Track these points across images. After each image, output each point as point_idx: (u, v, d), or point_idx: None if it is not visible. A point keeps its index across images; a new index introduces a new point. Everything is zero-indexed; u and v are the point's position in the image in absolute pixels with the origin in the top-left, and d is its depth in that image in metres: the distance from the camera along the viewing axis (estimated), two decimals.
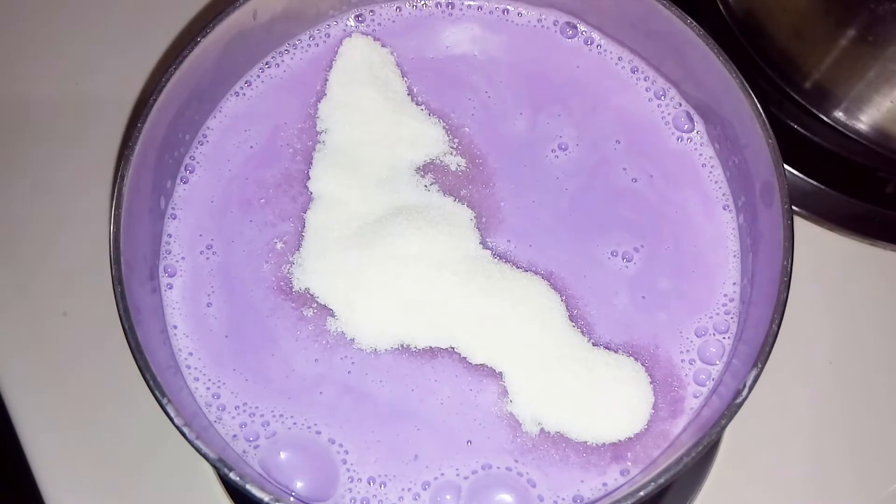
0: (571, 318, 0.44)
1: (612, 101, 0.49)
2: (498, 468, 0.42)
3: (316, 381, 0.43)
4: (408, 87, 0.49)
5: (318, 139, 0.48)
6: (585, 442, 0.42)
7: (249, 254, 0.46)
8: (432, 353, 0.44)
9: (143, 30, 0.64)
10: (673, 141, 0.48)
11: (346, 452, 0.42)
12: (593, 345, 0.44)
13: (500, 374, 0.43)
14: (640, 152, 0.48)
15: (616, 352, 0.44)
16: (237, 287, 0.45)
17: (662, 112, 0.49)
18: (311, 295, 0.45)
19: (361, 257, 0.44)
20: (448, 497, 0.41)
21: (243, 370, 0.44)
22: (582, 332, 0.44)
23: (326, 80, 0.49)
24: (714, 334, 0.44)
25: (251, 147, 0.48)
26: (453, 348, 0.44)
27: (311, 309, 0.45)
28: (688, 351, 0.44)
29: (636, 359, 0.44)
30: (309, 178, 0.47)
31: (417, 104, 0.49)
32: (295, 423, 0.43)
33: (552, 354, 0.43)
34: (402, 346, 0.44)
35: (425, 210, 0.46)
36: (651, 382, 0.43)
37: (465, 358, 0.43)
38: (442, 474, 0.42)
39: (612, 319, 0.45)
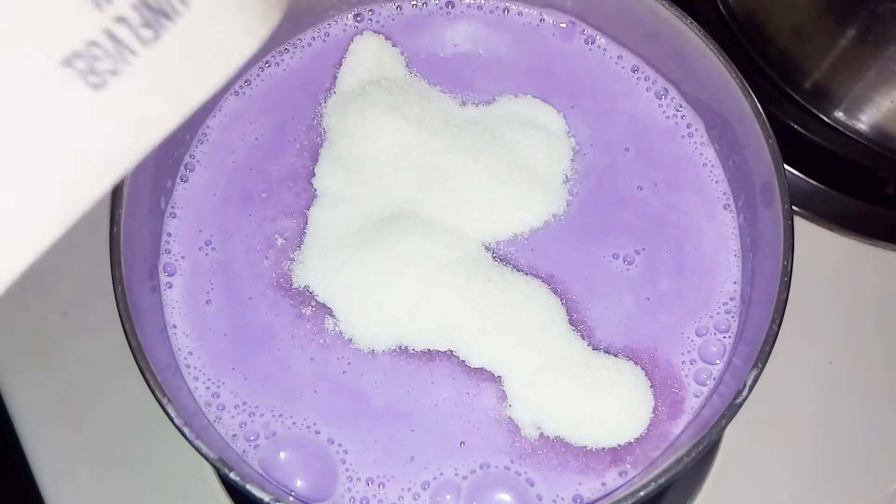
0: (572, 321, 0.44)
1: (617, 102, 0.49)
2: (496, 467, 0.42)
3: (310, 380, 0.43)
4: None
5: (325, 136, 0.48)
6: (585, 447, 0.42)
7: (249, 249, 0.46)
8: (430, 355, 0.44)
9: None
10: (674, 142, 0.48)
11: (346, 452, 0.42)
12: (593, 349, 0.44)
13: (499, 378, 0.43)
14: (647, 159, 0.48)
15: (616, 356, 0.44)
16: (236, 283, 0.45)
17: (665, 111, 0.49)
18: (311, 293, 0.45)
19: (362, 256, 0.44)
20: (448, 497, 0.41)
21: (242, 368, 0.44)
22: (582, 335, 0.44)
23: (335, 77, 0.49)
24: (715, 333, 0.44)
25: (256, 139, 0.48)
26: (452, 351, 0.44)
27: (309, 307, 0.45)
28: (689, 351, 0.44)
29: (636, 362, 0.44)
30: (314, 175, 0.47)
31: None
32: (294, 423, 0.43)
33: (552, 359, 0.43)
34: (400, 347, 0.44)
35: (429, 211, 0.46)
36: (651, 386, 0.43)
37: (463, 361, 0.43)
38: (441, 474, 0.42)
39: (613, 323, 0.44)
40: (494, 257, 0.45)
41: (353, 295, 0.44)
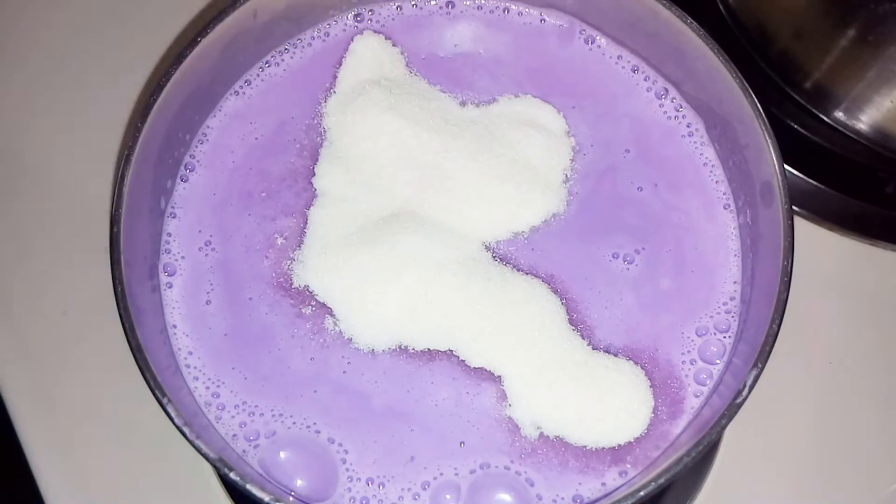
0: (572, 321, 0.44)
1: (617, 102, 0.49)
2: (496, 467, 0.42)
3: (311, 380, 0.43)
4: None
5: (325, 136, 0.48)
6: (585, 447, 0.42)
7: (248, 249, 0.46)
8: (430, 355, 0.44)
9: (144, 30, 0.64)
10: (674, 142, 0.48)
11: (346, 452, 0.42)
12: (593, 348, 0.44)
13: (499, 377, 0.43)
14: (647, 159, 0.48)
15: (616, 355, 0.44)
16: (236, 284, 0.45)
17: (665, 111, 0.49)
18: (311, 292, 0.45)
19: (362, 256, 0.44)
20: (448, 497, 0.41)
21: (242, 368, 0.44)
22: (582, 335, 0.44)
23: (335, 76, 0.49)
24: (715, 333, 0.44)
25: (256, 139, 0.48)
26: (452, 351, 0.44)
27: (309, 307, 0.45)
28: (689, 351, 0.44)
29: (636, 362, 0.44)
30: (314, 175, 0.47)
31: None
32: (294, 423, 0.43)
33: (552, 359, 0.43)
34: (400, 347, 0.44)
35: (429, 211, 0.46)
36: (651, 386, 0.43)
37: (463, 361, 0.43)
38: (441, 474, 0.42)
39: (613, 322, 0.45)
40: (494, 257, 0.45)
41: (353, 295, 0.44)
